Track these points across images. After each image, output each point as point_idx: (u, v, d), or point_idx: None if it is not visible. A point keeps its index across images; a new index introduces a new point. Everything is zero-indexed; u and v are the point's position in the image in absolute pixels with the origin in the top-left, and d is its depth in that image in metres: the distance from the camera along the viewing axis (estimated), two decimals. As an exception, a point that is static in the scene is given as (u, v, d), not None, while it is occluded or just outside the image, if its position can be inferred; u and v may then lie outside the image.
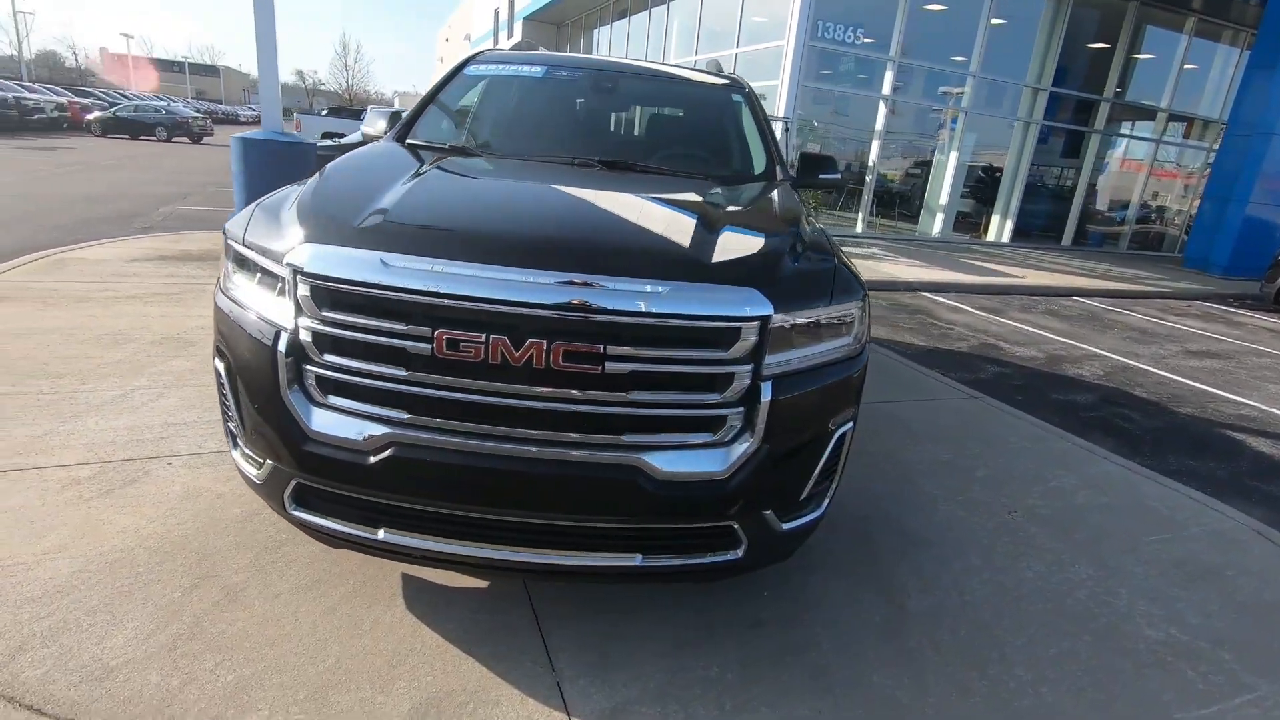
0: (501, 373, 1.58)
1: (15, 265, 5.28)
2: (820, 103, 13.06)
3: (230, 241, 1.88)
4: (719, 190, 2.40)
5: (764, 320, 1.65)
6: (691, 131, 3.15)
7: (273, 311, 1.70)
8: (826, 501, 1.96)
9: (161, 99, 34.64)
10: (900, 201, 14.73)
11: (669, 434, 1.67)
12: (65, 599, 1.95)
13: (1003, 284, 9.81)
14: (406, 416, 1.64)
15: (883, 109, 12.91)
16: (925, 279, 9.34)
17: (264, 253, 1.73)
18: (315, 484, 1.73)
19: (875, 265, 10.05)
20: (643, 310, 1.56)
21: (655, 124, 3.24)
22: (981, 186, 15.21)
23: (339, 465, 1.67)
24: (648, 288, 1.58)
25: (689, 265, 1.66)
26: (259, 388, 1.72)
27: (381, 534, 1.73)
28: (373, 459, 1.65)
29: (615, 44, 19.67)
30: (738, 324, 1.62)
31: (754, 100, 3.18)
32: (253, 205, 1.98)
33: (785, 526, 1.85)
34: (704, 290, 1.61)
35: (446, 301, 1.55)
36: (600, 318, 1.55)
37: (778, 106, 11.85)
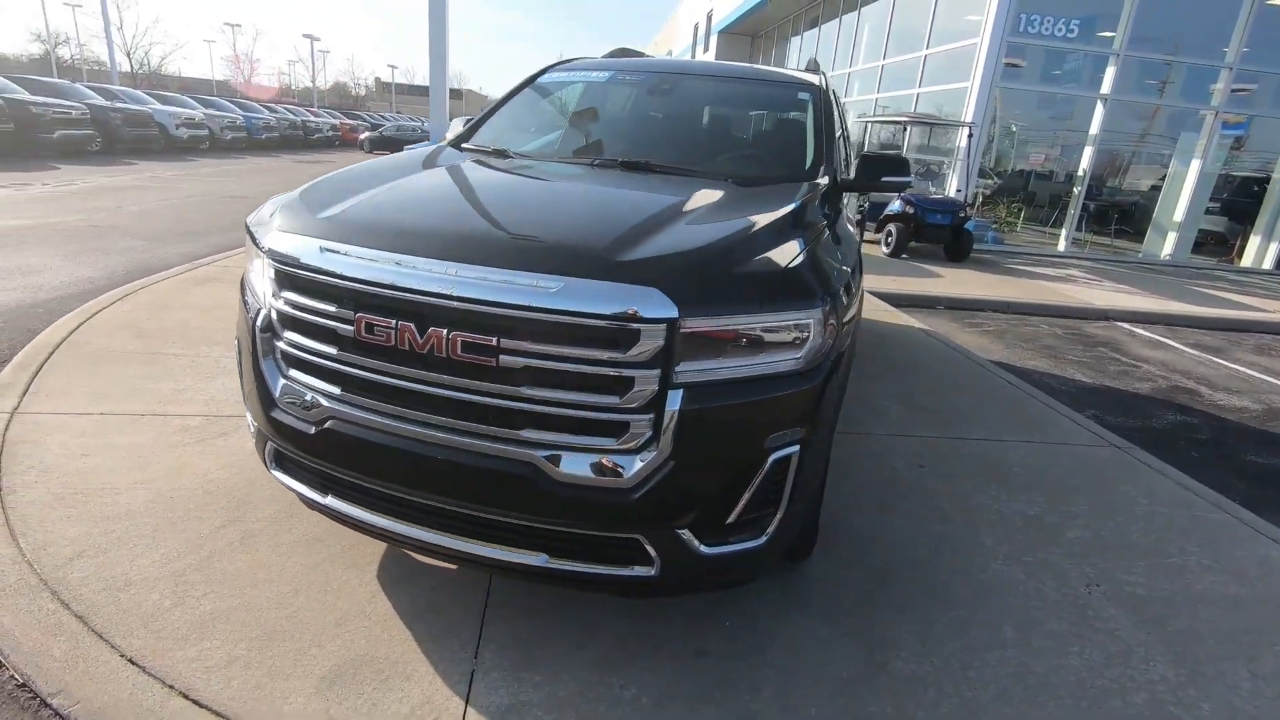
0: (411, 359, 1.65)
1: (234, 254, 6.43)
2: (1019, 105, 11.69)
3: (246, 229, 2.16)
4: (720, 191, 2.27)
5: (670, 323, 1.54)
6: (733, 132, 3.01)
7: (259, 291, 1.93)
8: (770, 531, 1.77)
9: (417, 120, 39.97)
10: (1121, 217, 12.69)
11: (568, 435, 1.63)
12: (129, 521, 2.36)
13: (1239, 318, 8.07)
14: (339, 392, 1.77)
15: (1099, 110, 11.24)
16: (1126, 307, 7.97)
17: (254, 240, 1.96)
18: (280, 447, 1.93)
19: (1062, 289, 8.78)
20: (533, 305, 1.54)
21: (698, 125, 3.14)
22: (1239, 201, 12.62)
23: (293, 432, 1.85)
24: (541, 282, 1.55)
25: (596, 262, 1.60)
26: (248, 357, 1.95)
27: (329, 500, 1.88)
28: (314, 430, 1.80)
29: (806, 54, 19.21)
30: (635, 324, 1.53)
31: (822, 98, 2.96)
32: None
33: (708, 551, 1.71)
34: (599, 288, 1.55)
35: (364, 287, 1.65)
36: (492, 310, 1.56)
37: (966, 110, 10.82)
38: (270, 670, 1.81)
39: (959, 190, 10.57)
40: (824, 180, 2.54)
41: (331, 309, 1.71)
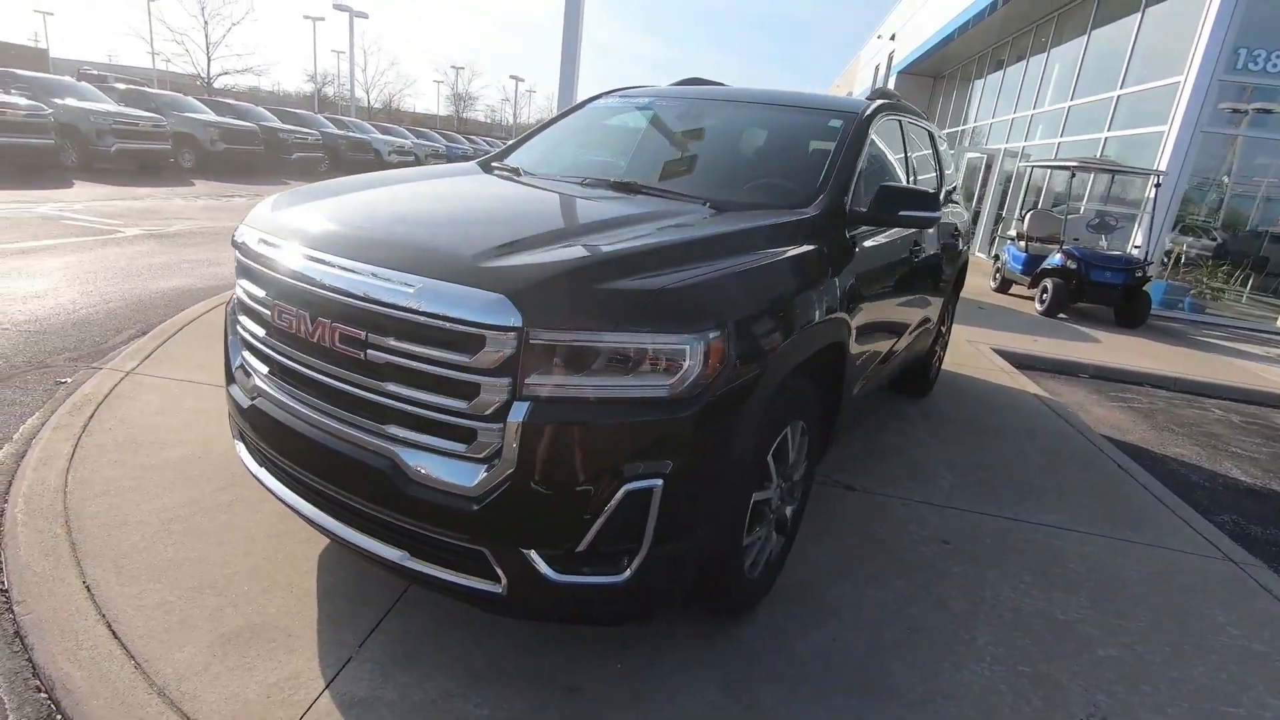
0: (306, 346, 1.76)
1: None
2: (1260, 154, 9.99)
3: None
4: (676, 215, 2.18)
5: (518, 332, 1.51)
6: (746, 158, 2.88)
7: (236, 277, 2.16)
8: (630, 569, 1.64)
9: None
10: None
11: (424, 435, 1.64)
12: (156, 473, 2.71)
13: None
14: (265, 371, 1.93)
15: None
16: (1346, 400, 6.44)
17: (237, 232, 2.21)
18: (233, 418, 2.13)
19: (1262, 370, 7.29)
20: (392, 303, 1.58)
21: (711, 150, 3.03)
22: None
23: (236, 405, 2.04)
24: (403, 281, 1.59)
25: (458, 267, 1.60)
26: (225, 335, 2.19)
27: (259, 470, 2.04)
28: (248, 404, 1.97)
29: (987, 96, 17.92)
30: (479, 330, 1.52)
31: (855, 128, 2.76)
32: None
33: (559, 578, 1.63)
34: (451, 290, 1.55)
35: (279, 276, 1.79)
36: (361, 304, 1.62)
37: (1160, 157, 9.47)
38: (184, 619, 1.98)
39: (1137, 247, 9.21)
40: (813, 210, 2.35)
41: (260, 294, 1.88)
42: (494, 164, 3.01)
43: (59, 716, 1.67)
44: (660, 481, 1.59)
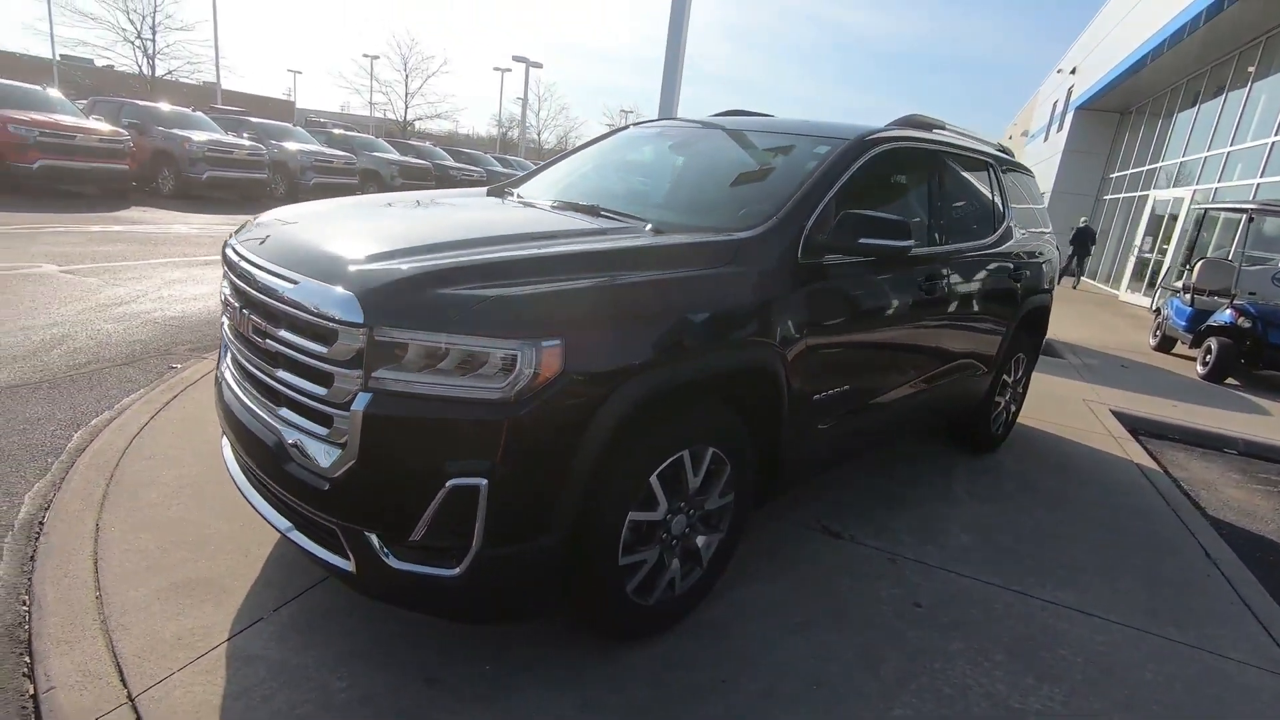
0: (238, 336, 2.04)
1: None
2: None
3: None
4: (594, 236, 2.22)
5: (365, 329, 1.65)
6: (716, 183, 2.83)
7: None
8: (464, 565, 1.70)
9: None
10: None
11: (300, 416, 1.83)
12: (197, 448, 3.15)
13: None
14: (226, 359, 2.24)
15: None
16: None
17: None
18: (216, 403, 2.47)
19: None
20: (278, 296, 1.80)
21: (693, 176, 3.00)
22: None
23: (216, 384, 2.37)
24: (290, 278, 1.80)
25: (333, 268, 1.78)
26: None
27: (222, 440, 2.35)
28: (219, 383, 2.29)
29: (1178, 133, 15.84)
30: (331, 324, 1.68)
31: (841, 155, 2.65)
32: None
33: (396, 564, 1.73)
34: (316, 288, 1.73)
35: (230, 277, 2.09)
36: (262, 298, 1.87)
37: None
38: (152, 565, 2.31)
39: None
40: (750, 234, 2.29)
41: (227, 290, 2.19)
42: (506, 188, 3.23)
43: (28, 626, 2.02)
44: (485, 481, 1.64)
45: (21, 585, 2.18)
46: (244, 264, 2.00)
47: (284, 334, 1.82)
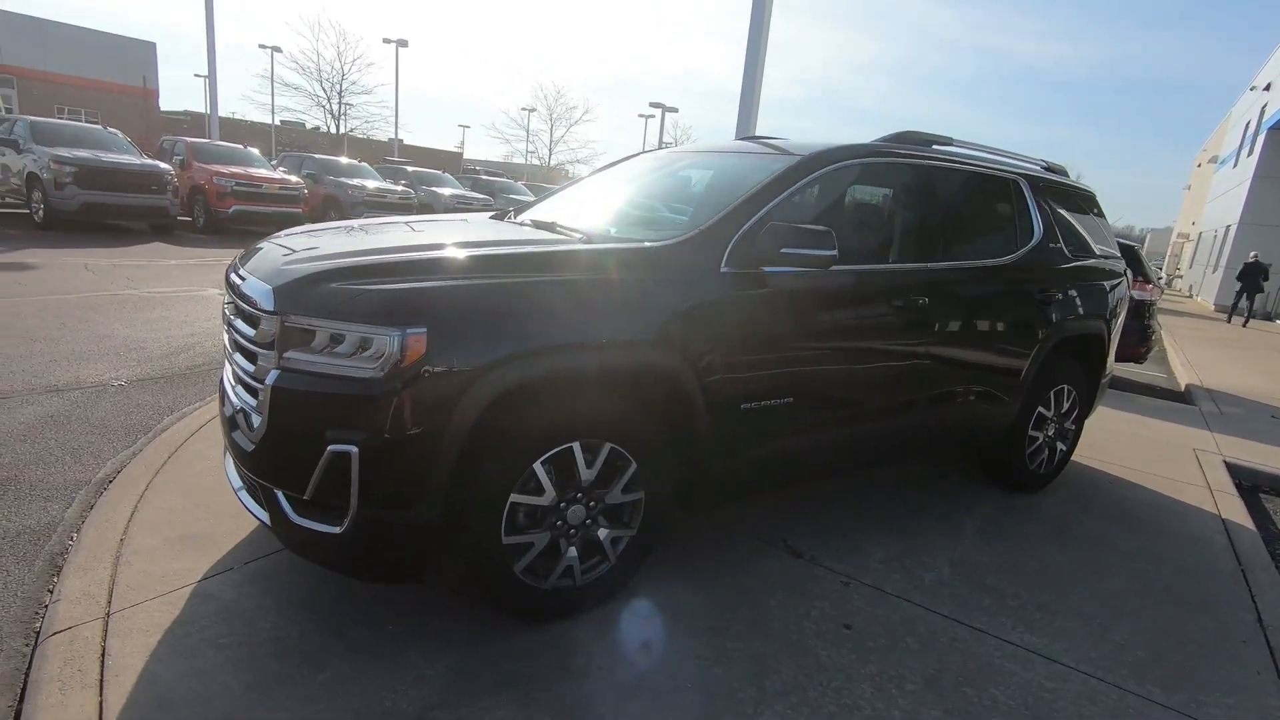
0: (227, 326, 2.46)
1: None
2: None
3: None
4: (531, 244, 2.44)
5: (278, 315, 1.98)
6: (677, 201, 2.93)
7: None
8: (346, 523, 1.95)
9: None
10: None
11: (243, 391, 2.19)
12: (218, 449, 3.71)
13: None
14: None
15: None
16: None
17: None
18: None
19: None
20: (235, 290, 2.19)
21: (661, 195, 3.10)
22: None
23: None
24: (242, 275, 2.19)
25: (270, 269, 2.14)
26: None
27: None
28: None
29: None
30: (257, 312, 2.03)
31: (787, 169, 2.69)
32: None
33: (295, 518, 2.03)
34: (254, 284, 2.10)
35: (225, 283, 2.54)
36: (229, 294, 2.26)
37: None
38: (172, 520, 2.78)
39: None
40: (660, 244, 2.40)
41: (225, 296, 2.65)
42: (513, 211, 3.56)
43: (66, 555, 2.53)
44: (356, 448, 1.90)
45: (76, 526, 2.72)
46: (230, 273, 2.43)
47: (238, 323, 2.20)
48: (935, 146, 3.29)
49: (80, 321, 5.70)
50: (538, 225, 2.88)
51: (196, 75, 50.72)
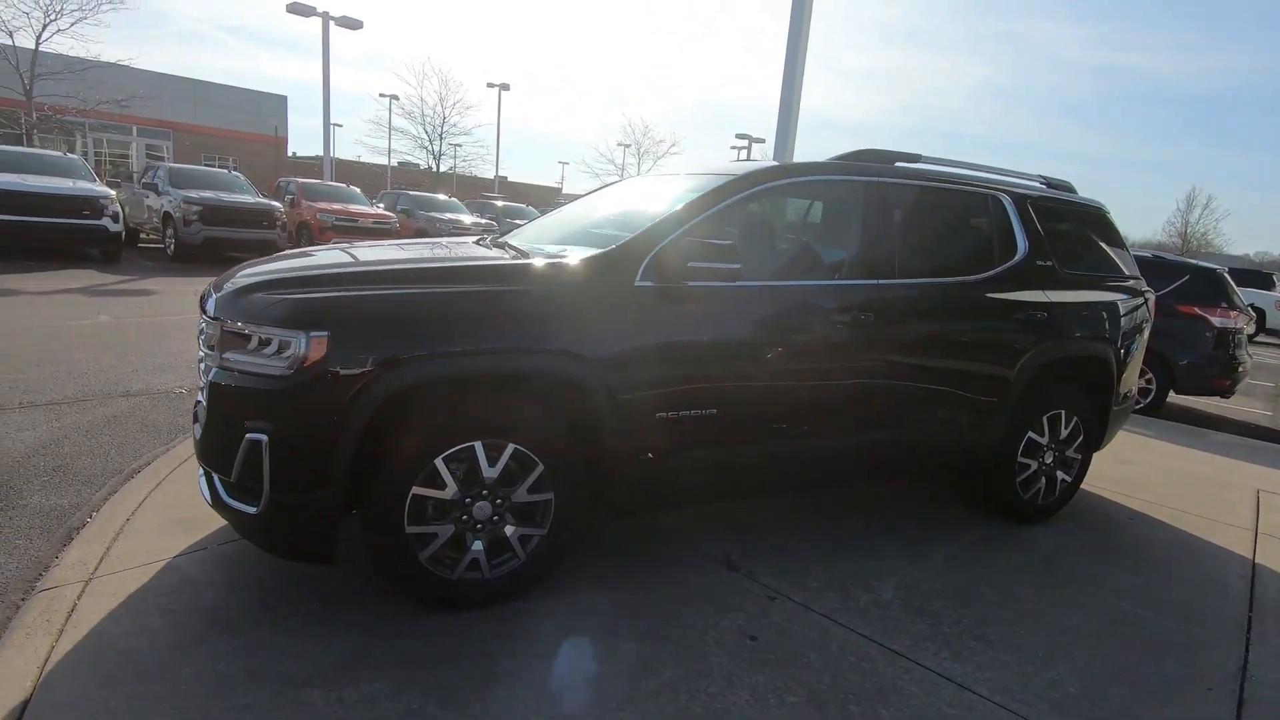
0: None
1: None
2: None
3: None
4: (471, 259, 2.68)
5: (219, 321, 2.29)
6: (618, 223, 3.06)
7: None
8: (261, 504, 2.20)
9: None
10: None
11: (201, 390, 2.51)
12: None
13: None
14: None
15: None
16: None
17: None
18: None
19: None
20: (203, 301, 2.53)
21: (616, 216, 3.23)
22: None
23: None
24: (209, 293, 2.52)
25: (225, 284, 2.46)
26: None
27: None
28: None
29: None
30: (207, 319, 2.35)
31: (718, 188, 2.78)
32: None
33: (226, 499, 2.31)
34: (213, 296, 2.42)
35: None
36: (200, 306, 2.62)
37: None
38: (174, 505, 3.16)
39: None
40: (581, 258, 2.55)
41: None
42: (498, 234, 3.82)
43: (80, 529, 2.94)
44: (265, 436, 2.15)
45: (97, 507, 3.15)
46: (207, 287, 2.80)
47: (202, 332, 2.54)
48: (899, 164, 3.26)
49: (173, 340, 6.47)
50: (496, 245, 3.11)
51: (330, 123, 56.19)
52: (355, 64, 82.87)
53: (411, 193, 19.02)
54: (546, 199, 39.15)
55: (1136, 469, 4.95)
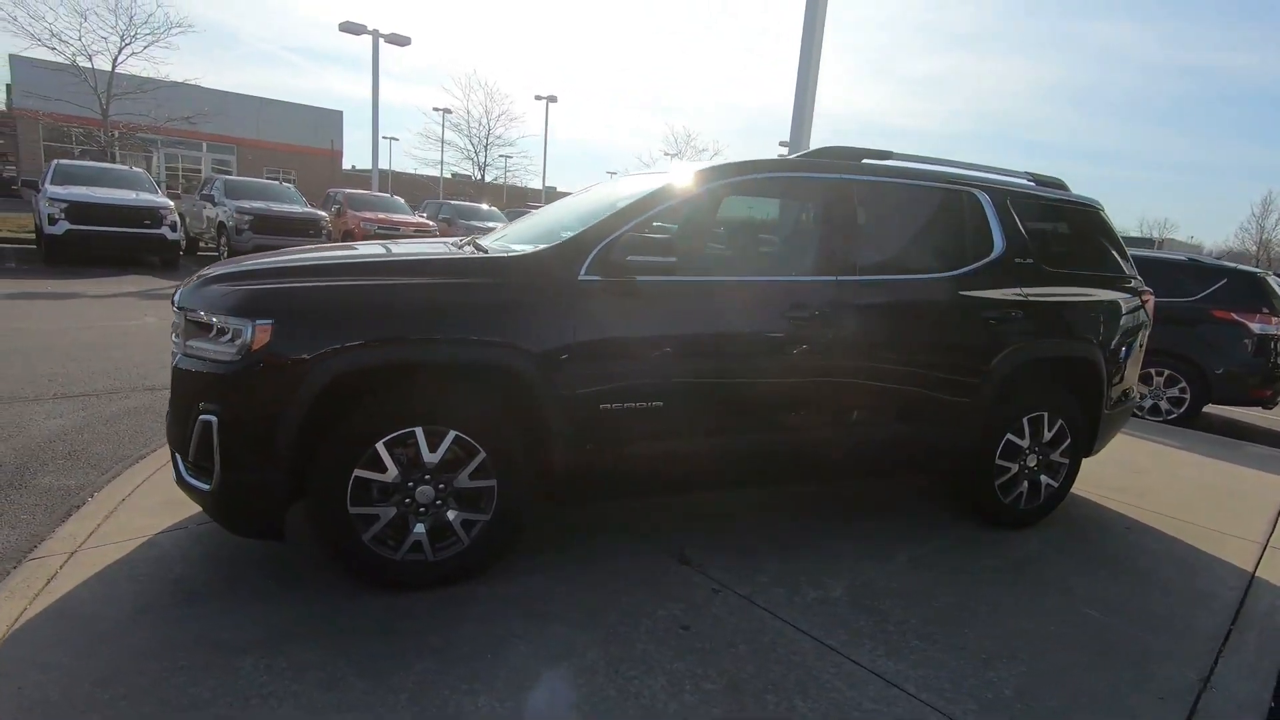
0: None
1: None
2: None
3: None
4: (428, 252, 2.80)
5: (179, 310, 2.46)
6: (579, 220, 3.12)
7: None
8: (213, 483, 2.35)
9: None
10: None
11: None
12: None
13: None
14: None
15: None
16: None
17: None
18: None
19: None
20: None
21: (577, 216, 3.30)
22: None
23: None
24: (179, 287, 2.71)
25: (193, 278, 2.63)
26: None
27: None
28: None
29: None
30: (176, 311, 2.52)
31: (656, 189, 2.84)
32: None
33: (186, 476, 2.47)
34: (179, 288, 2.60)
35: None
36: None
37: None
38: (167, 487, 3.35)
39: None
40: (517, 254, 2.65)
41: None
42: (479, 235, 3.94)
43: (80, 505, 3.17)
44: (214, 417, 2.29)
45: (100, 487, 3.39)
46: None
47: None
48: (866, 161, 3.25)
49: (203, 338, 6.85)
50: (467, 244, 3.23)
51: (385, 137, 58.28)
52: (411, 79, 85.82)
53: (453, 202, 19.59)
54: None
55: (1150, 478, 4.74)
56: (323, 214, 14.77)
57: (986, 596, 2.90)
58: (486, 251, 2.94)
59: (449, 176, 45.33)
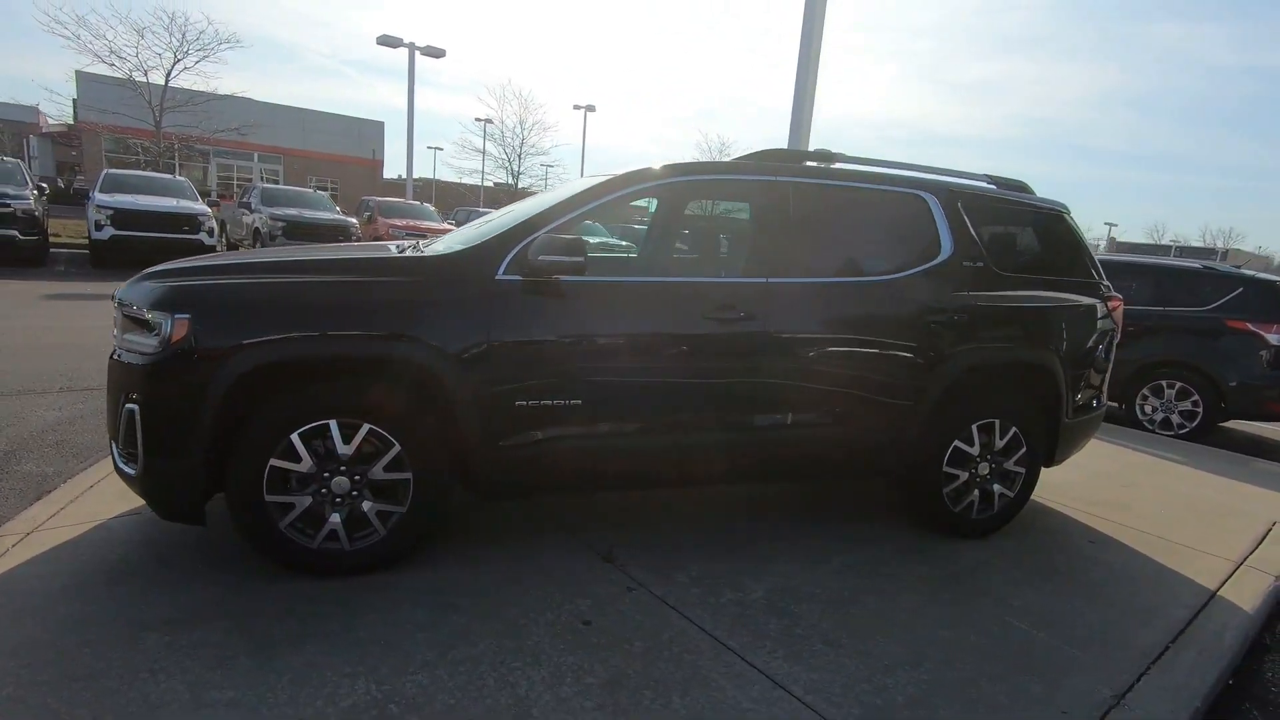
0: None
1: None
2: None
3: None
4: (360, 253, 2.91)
5: (117, 305, 2.62)
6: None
7: None
8: (138, 468, 2.48)
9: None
10: None
11: (120, 369, 2.84)
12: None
13: None
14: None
15: None
16: None
17: None
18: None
19: None
20: (121, 293, 2.88)
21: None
22: None
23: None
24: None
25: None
26: None
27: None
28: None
29: None
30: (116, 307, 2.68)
31: (591, 189, 2.89)
32: None
33: (119, 463, 2.63)
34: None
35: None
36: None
37: None
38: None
39: None
40: (436, 253, 2.74)
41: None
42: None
43: (53, 489, 3.36)
44: (136, 406, 2.43)
45: (74, 474, 3.59)
46: None
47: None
48: (808, 164, 3.24)
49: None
50: (410, 246, 3.33)
51: (429, 147, 59.82)
52: (455, 89, 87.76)
53: (481, 209, 19.95)
54: (631, 215, 39.80)
55: (1137, 492, 4.56)
56: (351, 220, 15.26)
57: (910, 604, 2.85)
58: (421, 252, 3.03)
59: (490, 185, 46.23)
